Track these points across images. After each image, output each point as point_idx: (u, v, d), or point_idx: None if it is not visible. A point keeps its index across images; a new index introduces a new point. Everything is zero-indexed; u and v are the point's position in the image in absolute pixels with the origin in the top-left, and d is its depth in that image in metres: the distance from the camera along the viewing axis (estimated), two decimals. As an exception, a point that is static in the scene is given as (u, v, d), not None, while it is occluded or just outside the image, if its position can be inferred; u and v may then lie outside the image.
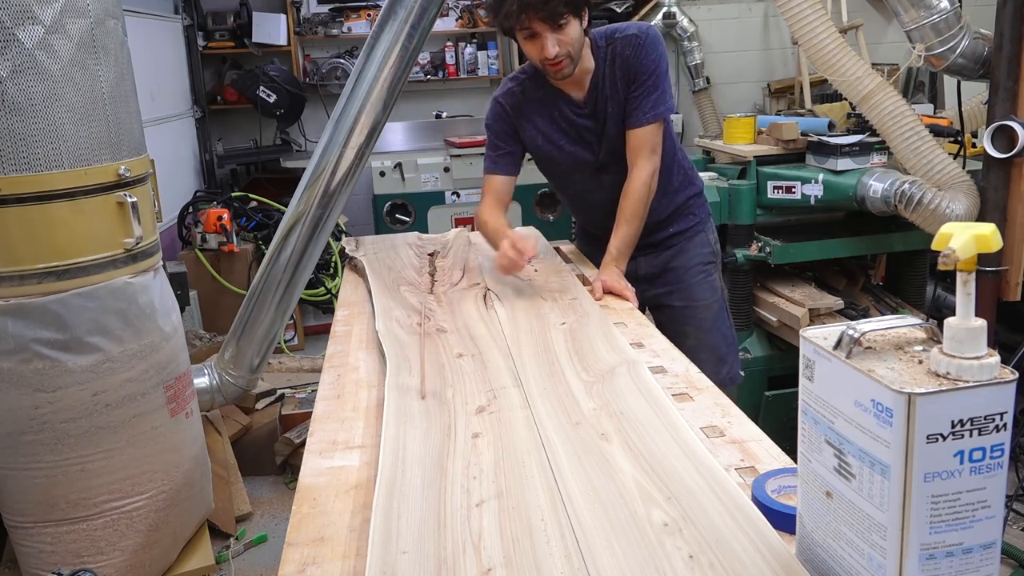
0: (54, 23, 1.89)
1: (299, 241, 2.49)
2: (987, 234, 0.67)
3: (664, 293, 2.18)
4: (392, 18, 2.28)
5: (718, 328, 2.16)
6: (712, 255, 2.22)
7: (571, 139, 2.04)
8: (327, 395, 1.40)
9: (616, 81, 1.96)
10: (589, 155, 2.04)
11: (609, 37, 1.97)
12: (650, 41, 1.94)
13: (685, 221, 2.17)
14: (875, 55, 4.95)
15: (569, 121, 2.02)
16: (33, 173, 1.91)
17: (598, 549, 0.88)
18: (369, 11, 5.27)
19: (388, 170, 4.73)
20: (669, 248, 2.17)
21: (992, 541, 0.69)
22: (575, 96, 1.99)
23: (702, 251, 2.19)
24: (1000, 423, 0.66)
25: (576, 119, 2.01)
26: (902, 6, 2.57)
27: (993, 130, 2.36)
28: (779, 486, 1.00)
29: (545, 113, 2.02)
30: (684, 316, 2.16)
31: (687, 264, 2.17)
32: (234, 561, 2.61)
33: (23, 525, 2.10)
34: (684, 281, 2.17)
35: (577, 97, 1.99)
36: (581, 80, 1.96)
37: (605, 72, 1.96)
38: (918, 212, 2.51)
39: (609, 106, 1.98)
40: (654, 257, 2.17)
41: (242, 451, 3.06)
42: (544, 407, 1.25)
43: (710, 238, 2.23)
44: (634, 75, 1.94)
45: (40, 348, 1.97)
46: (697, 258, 2.18)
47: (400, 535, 0.92)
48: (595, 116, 2.00)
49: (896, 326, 0.75)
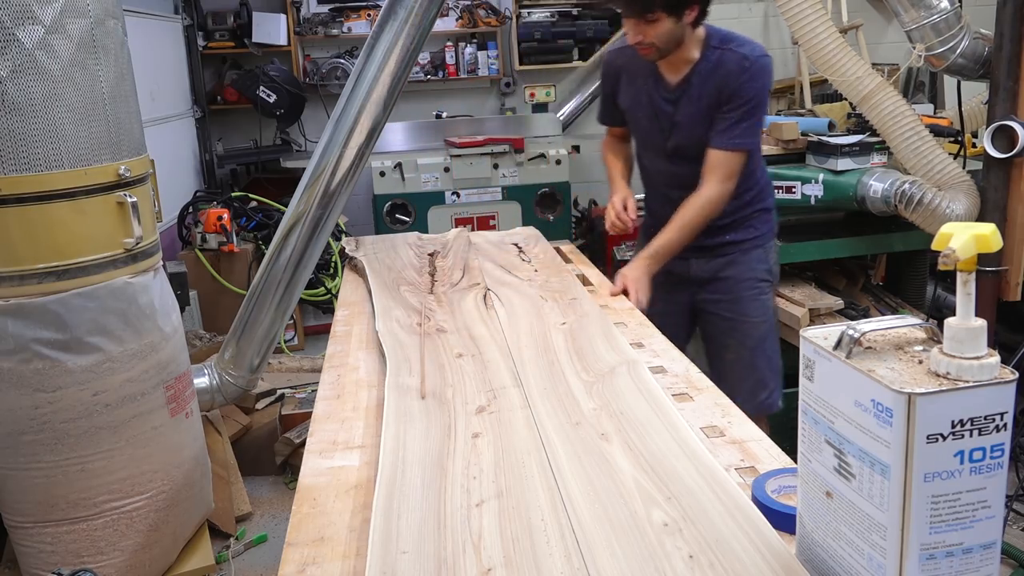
0: (54, 23, 1.88)
1: (299, 241, 2.49)
2: (987, 234, 0.67)
3: (713, 301, 2.15)
4: (392, 18, 2.28)
5: (763, 349, 2.12)
6: (768, 274, 2.18)
7: (649, 116, 2.07)
8: (327, 395, 1.40)
9: (708, 86, 1.96)
10: (659, 138, 2.07)
11: (724, 41, 1.98)
12: (760, 69, 1.94)
13: (744, 232, 2.14)
14: (875, 55, 4.95)
15: (651, 99, 2.04)
16: (33, 173, 1.91)
17: (598, 549, 0.88)
18: (369, 11, 5.27)
19: (388, 170, 4.72)
20: (723, 256, 2.14)
21: (992, 541, 0.69)
22: (668, 79, 2.01)
23: (758, 267, 2.15)
24: (1000, 423, 0.66)
25: (659, 100, 2.03)
26: (902, 6, 2.57)
27: (993, 130, 2.36)
28: (779, 486, 1.00)
29: (638, 82, 2.06)
30: (729, 329, 2.14)
31: (740, 276, 2.14)
32: (234, 561, 2.61)
33: (23, 525, 2.10)
34: (734, 292, 2.14)
35: (670, 80, 2.01)
36: (679, 67, 1.98)
37: (703, 71, 1.96)
38: (918, 212, 2.51)
39: (692, 105, 1.98)
40: (706, 262, 2.14)
41: (242, 451, 3.06)
42: (544, 407, 1.25)
43: (769, 257, 2.19)
44: (730, 95, 1.94)
45: (40, 348, 1.97)
46: (751, 272, 2.14)
47: (400, 535, 0.92)
48: (676, 105, 2.01)
49: (896, 326, 0.75)
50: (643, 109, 2.07)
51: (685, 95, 1.99)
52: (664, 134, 2.05)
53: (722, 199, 1.99)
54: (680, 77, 1.99)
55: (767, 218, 2.19)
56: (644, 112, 2.07)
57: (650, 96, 2.04)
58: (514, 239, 2.44)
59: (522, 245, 2.35)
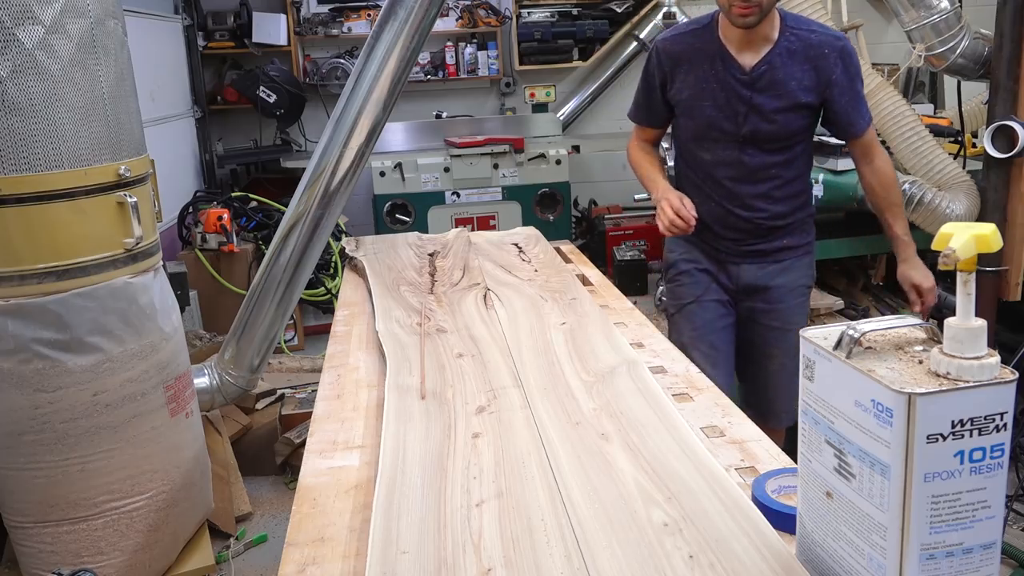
0: (54, 23, 1.88)
1: (299, 241, 2.49)
2: (987, 234, 0.67)
3: (761, 310, 2.10)
4: (392, 18, 2.28)
5: None
6: (812, 280, 2.17)
7: (717, 104, 1.97)
8: (327, 395, 1.40)
9: (797, 67, 1.91)
10: (731, 125, 1.97)
11: (802, 22, 1.95)
12: (850, 45, 1.94)
13: (798, 237, 2.10)
14: (875, 55, 4.93)
15: (723, 83, 1.95)
16: (33, 173, 1.91)
17: (598, 549, 0.88)
18: (369, 11, 5.27)
19: (388, 170, 4.72)
20: (778, 262, 2.08)
21: (992, 541, 0.69)
22: (743, 61, 1.93)
23: (807, 273, 2.14)
24: (1000, 423, 0.66)
25: (733, 84, 1.94)
26: (902, 6, 2.57)
27: (993, 130, 2.36)
28: (779, 486, 1.00)
29: (702, 68, 1.97)
30: (775, 338, 2.10)
31: (791, 284, 2.09)
32: (234, 561, 2.61)
33: (23, 525, 2.10)
34: (784, 302, 2.09)
35: (745, 63, 1.93)
36: (758, 46, 1.92)
37: (785, 52, 1.91)
38: (918, 212, 2.51)
39: (774, 88, 1.92)
40: (759, 268, 2.08)
41: (242, 451, 3.06)
42: (544, 407, 1.25)
43: (814, 263, 2.18)
44: (841, 73, 1.91)
45: (40, 348, 1.97)
46: (801, 280, 2.11)
47: (400, 535, 0.92)
48: (755, 88, 1.93)
49: (896, 326, 0.75)
50: (710, 96, 1.97)
51: (766, 76, 1.91)
52: (739, 120, 1.96)
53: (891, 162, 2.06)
54: (759, 58, 1.91)
55: (812, 224, 2.16)
56: (712, 99, 1.97)
57: (721, 81, 1.95)
58: (514, 239, 2.44)
59: (522, 245, 2.35)
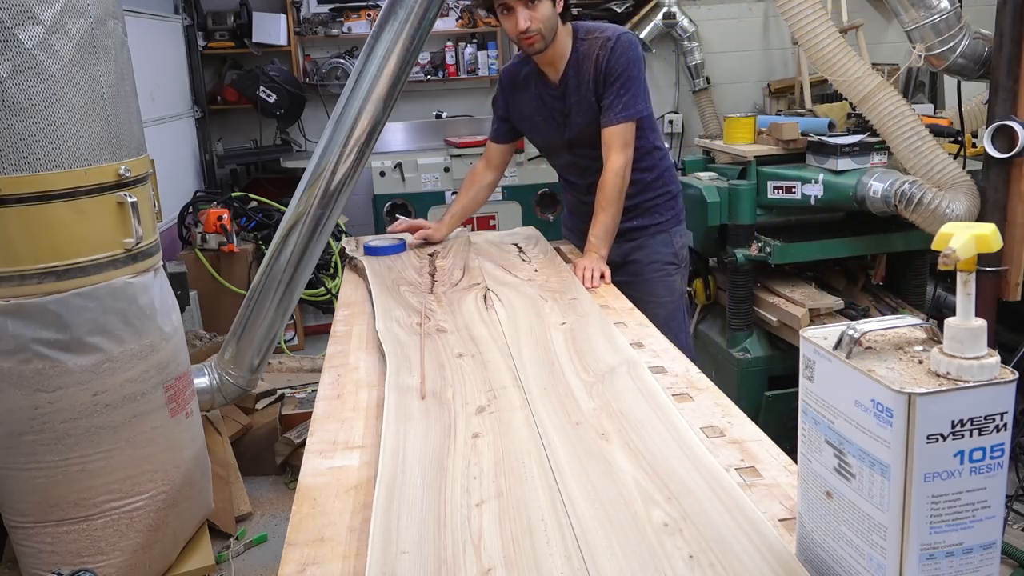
0: (54, 23, 1.88)
1: (299, 241, 2.49)
2: (987, 234, 0.67)
3: (624, 283, 2.24)
4: (392, 18, 2.28)
5: (670, 328, 2.20)
6: (674, 257, 2.36)
7: (545, 117, 2.26)
8: (327, 395, 1.40)
9: (584, 75, 2.14)
10: (557, 135, 2.27)
11: (588, 32, 2.17)
12: (620, 45, 2.11)
13: (649, 218, 2.33)
14: (875, 55, 4.95)
15: (543, 100, 2.25)
16: (33, 173, 1.91)
17: (598, 549, 0.88)
18: (369, 11, 5.27)
19: (388, 170, 4.73)
20: (631, 240, 2.32)
21: (992, 541, 0.69)
22: (551, 78, 2.21)
23: (663, 250, 2.34)
24: (1000, 423, 0.66)
25: (550, 99, 2.23)
26: (902, 6, 2.56)
27: (993, 130, 2.36)
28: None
29: (530, 90, 2.27)
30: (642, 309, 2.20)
31: (646, 259, 2.33)
32: (234, 561, 2.61)
33: (23, 525, 2.10)
34: (642, 275, 2.33)
35: (552, 79, 2.21)
36: (556, 64, 2.18)
37: (578, 62, 2.15)
38: (918, 212, 2.51)
39: (575, 95, 2.17)
40: (617, 247, 2.27)
41: (242, 451, 3.06)
42: (544, 407, 1.25)
43: (675, 241, 2.36)
44: (605, 77, 2.12)
45: (40, 348, 1.97)
46: (657, 256, 2.34)
47: (400, 535, 0.92)
48: (564, 99, 2.20)
49: (896, 326, 0.75)
50: (538, 114, 2.26)
51: (567, 88, 2.18)
52: (560, 129, 2.25)
53: (627, 165, 2.15)
54: (560, 74, 2.18)
55: (672, 204, 2.37)
56: (539, 116, 2.27)
57: (542, 99, 2.24)
58: (514, 239, 2.44)
59: (522, 245, 2.36)
